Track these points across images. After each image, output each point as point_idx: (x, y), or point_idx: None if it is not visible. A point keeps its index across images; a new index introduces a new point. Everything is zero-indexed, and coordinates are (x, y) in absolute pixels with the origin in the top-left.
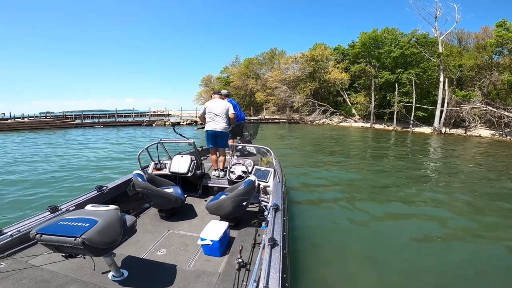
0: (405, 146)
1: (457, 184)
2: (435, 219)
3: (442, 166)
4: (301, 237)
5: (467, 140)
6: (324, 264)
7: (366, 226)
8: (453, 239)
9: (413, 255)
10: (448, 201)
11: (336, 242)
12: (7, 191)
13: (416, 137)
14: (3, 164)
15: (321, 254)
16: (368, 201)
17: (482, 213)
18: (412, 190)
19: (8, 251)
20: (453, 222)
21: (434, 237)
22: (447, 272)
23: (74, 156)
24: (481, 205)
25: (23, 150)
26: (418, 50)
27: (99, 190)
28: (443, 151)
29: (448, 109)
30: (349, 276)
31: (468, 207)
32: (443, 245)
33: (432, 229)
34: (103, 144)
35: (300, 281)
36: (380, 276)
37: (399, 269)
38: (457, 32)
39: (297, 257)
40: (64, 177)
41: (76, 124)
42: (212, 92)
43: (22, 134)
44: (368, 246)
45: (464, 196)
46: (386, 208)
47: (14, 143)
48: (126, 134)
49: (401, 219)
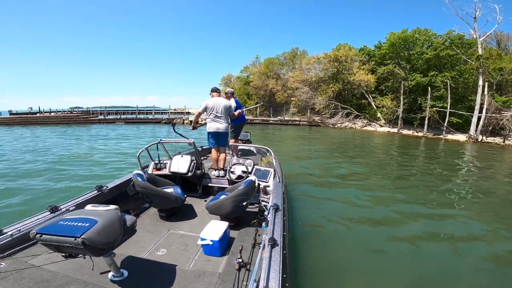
0: (437, 156)
1: (496, 208)
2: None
3: (479, 181)
4: (301, 237)
5: (506, 149)
6: (324, 264)
7: (369, 226)
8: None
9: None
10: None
11: (337, 242)
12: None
13: (449, 145)
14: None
15: (321, 254)
16: (379, 206)
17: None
18: (438, 210)
19: (8, 251)
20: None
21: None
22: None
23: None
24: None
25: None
26: (454, 52)
27: (99, 190)
28: (481, 162)
29: (487, 116)
30: (349, 276)
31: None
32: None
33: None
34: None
35: (300, 281)
36: (380, 275)
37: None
38: (496, 34)
39: (297, 257)
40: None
41: (99, 120)
42: (211, 90)
43: (45, 128)
44: (368, 246)
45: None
46: (389, 212)
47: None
48: (141, 132)
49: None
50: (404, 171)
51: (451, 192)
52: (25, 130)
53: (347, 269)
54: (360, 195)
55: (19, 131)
